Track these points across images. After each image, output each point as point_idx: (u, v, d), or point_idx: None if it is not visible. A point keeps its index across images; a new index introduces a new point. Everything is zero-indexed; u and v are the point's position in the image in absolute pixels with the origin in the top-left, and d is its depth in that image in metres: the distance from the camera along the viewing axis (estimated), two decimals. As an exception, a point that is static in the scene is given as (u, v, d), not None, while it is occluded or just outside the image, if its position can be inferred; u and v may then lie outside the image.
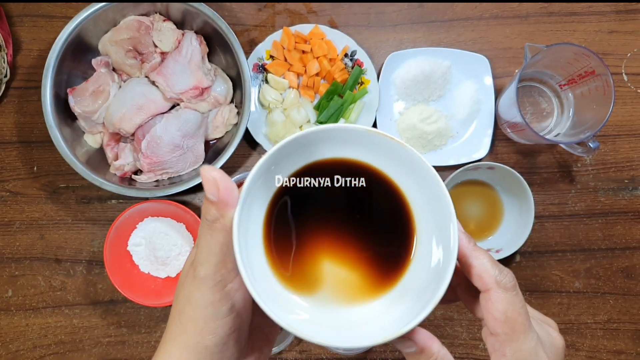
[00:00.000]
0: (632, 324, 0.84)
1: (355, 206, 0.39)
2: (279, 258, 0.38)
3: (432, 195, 0.36)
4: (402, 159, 0.37)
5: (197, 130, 0.80)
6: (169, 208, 0.81)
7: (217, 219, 0.34)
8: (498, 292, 0.34)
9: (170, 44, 0.79)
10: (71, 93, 0.79)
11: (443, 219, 0.35)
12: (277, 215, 0.38)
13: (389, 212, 0.39)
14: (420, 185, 0.37)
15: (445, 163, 0.84)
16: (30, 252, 0.85)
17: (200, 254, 0.34)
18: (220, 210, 0.33)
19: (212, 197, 0.33)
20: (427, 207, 0.37)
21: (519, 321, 0.34)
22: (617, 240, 0.85)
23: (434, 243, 0.37)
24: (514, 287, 0.34)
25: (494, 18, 0.86)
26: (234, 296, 0.35)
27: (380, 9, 0.86)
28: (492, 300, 0.34)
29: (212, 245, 0.34)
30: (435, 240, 0.37)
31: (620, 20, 0.86)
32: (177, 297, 0.37)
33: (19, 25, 0.85)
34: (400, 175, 0.39)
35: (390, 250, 0.39)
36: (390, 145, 0.36)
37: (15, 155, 0.85)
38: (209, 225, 0.34)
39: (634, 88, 0.86)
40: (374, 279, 0.38)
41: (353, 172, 0.39)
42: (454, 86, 0.85)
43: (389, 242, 0.39)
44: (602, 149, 0.86)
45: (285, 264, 0.38)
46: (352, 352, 0.79)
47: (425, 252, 0.37)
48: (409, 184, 0.38)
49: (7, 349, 0.84)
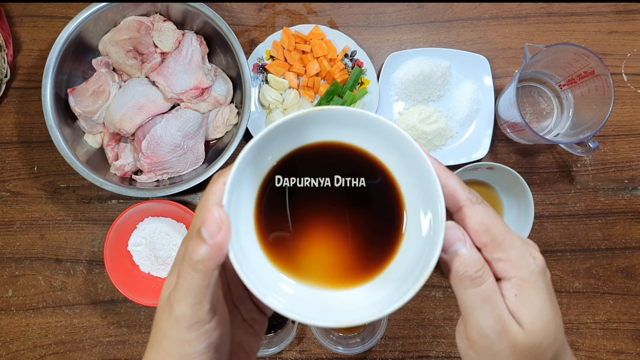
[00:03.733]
0: (632, 323, 0.84)
1: (345, 189, 0.39)
2: (270, 240, 0.38)
3: (418, 169, 0.36)
4: (387, 137, 0.37)
5: (197, 130, 0.80)
6: (170, 208, 0.81)
7: (203, 262, 0.32)
8: (471, 207, 0.35)
9: (170, 44, 0.79)
10: (71, 93, 0.79)
11: (429, 190, 0.35)
12: (267, 197, 0.38)
13: (377, 192, 0.39)
14: (406, 162, 0.37)
15: (445, 163, 0.83)
16: (30, 252, 0.85)
17: (177, 291, 0.33)
18: (210, 254, 0.32)
19: (207, 238, 0.32)
20: (413, 182, 0.38)
21: (498, 226, 0.35)
22: (616, 240, 0.85)
23: (421, 215, 0.37)
24: (483, 201, 0.36)
25: (494, 18, 0.86)
26: (211, 335, 0.34)
27: (380, 9, 0.86)
28: (468, 215, 0.35)
29: (192, 285, 0.33)
30: (422, 212, 0.37)
31: (619, 20, 0.86)
32: (155, 328, 0.35)
33: (19, 26, 0.86)
34: (387, 155, 0.39)
35: (382, 228, 0.39)
36: (376, 124, 0.37)
37: (16, 155, 0.85)
38: (191, 266, 0.33)
39: (633, 88, 0.86)
40: (367, 260, 0.38)
41: (342, 155, 0.39)
42: (454, 86, 0.85)
43: (380, 221, 0.39)
44: (601, 149, 0.86)
45: (275, 246, 0.38)
46: (352, 352, 0.79)
47: (415, 225, 0.38)
48: (395, 162, 0.39)
49: (8, 348, 0.84)
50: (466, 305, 0.34)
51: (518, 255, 0.35)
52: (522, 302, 0.35)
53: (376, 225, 0.39)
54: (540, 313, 0.35)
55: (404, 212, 0.38)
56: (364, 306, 0.36)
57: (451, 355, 0.84)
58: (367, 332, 0.82)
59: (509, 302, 0.35)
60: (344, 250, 0.39)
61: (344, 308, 0.37)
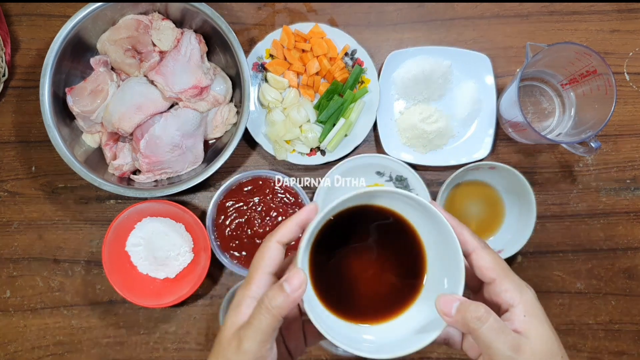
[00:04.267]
0: (634, 324, 0.84)
1: (383, 244, 0.48)
2: (327, 294, 0.47)
3: (444, 241, 0.45)
4: (425, 212, 0.46)
5: (196, 129, 0.80)
6: (168, 208, 0.80)
7: (279, 308, 0.40)
8: (482, 250, 0.45)
9: (169, 43, 0.79)
10: (69, 92, 0.79)
11: (451, 262, 0.44)
12: (317, 254, 0.47)
13: (406, 250, 0.49)
14: (436, 233, 0.46)
15: (446, 163, 0.83)
16: (28, 252, 0.84)
17: (249, 329, 0.41)
18: (286, 304, 0.40)
19: (288, 292, 0.41)
20: (437, 242, 0.47)
21: (502, 264, 0.45)
22: (618, 241, 0.85)
23: (444, 279, 0.46)
24: (488, 246, 0.46)
25: (495, 17, 0.86)
26: None
27: (380, 8, 0.86)
28: (481, 256, 0.45)
29: (263, 326, 0.41)
30: (445, 278, 0.46)
31: (622, 19, 0.86)
32: (218, 356, 0.42)
33: (18, 25, 0.85)
34: (421, 225, 0.48)
35: (409, 278, 0.49)
36: (417, 202, 0.45)
37: (14, 155, 0.85)
38: (268, 310, 0.41)
39: (635, 87, 0.85)
40: (399, 298, 0.48)
41: (383, 215, 0.48)
42: (455, 85, 0.85)
43: (407, 273, 0.49)
44: (603, 148, 0.85)
45: (333, 299, 0.47)
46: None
47: (435, 282, 0.47)
48: (426, 230, 0.47)
49: (6, 349, 0.83)
50: (485, 342, 0.41)
51: (519, 285, 0.44)
52: (530, 319, 0.43)
53: (405, 274, 0.49)
54: (546, 324, 0.43)
55: (426, 269, 0.48)
56: (409, 333, 0.45)
57: (452, 356, 0.84)
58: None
59: (520, 322, 0.42)
60: (382, 293, 0.48)
61: (394, 337, 0.46)
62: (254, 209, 0.80)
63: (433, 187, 0.84)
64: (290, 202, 0.81)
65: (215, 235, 0.81)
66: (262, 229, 0.80)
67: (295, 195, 0.81)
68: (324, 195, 0.82)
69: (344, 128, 0.81)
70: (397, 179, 0.84)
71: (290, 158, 0.82)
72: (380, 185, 0.84)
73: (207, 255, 0.79)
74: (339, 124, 0.81)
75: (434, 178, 0.85)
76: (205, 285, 0.84)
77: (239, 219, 0.80)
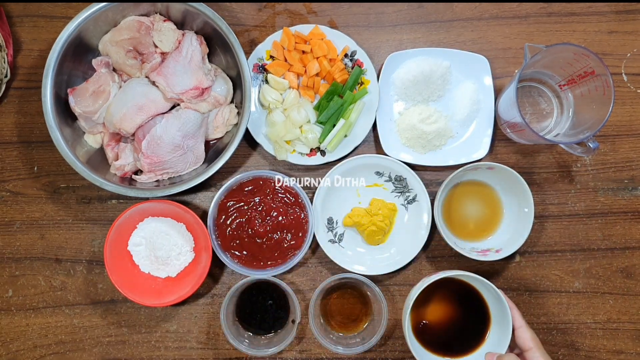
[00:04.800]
0: (632, 323, 0.84)
1: (460, 312, 0.79)
2: (425, 341, 0.78)
3: (503, 314, 0.74)
4: (492, 292, 0.75)
5: (197, 130, 0.80)
6: (170, 208, 0.81)
7: None
8: (526, 328, 0.72)
9: (170, 44, 0.79)
10: (71, 93, 0.79)
11: (503, 329, 0.74)
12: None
13: (476, 312, 0.78)
14: (498, 307, 0.76)
15: (444, 163, 0.84)
16: (30, 252, 0.85)
17: None
18: None
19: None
20: (497, 319, 0.77)
21: (538, 340, 0.72)
22: (616, 240, 0.85)
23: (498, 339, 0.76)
24: (527, 324, 0.73)
25: (494, 18, 0.86)
26: None
27: (380, 9, 0.86)
28: (525, 331, 0.72)
29: None
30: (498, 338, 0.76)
31: (619, 20, 0.86)
32: None
33: (20, 26, 0.86)
34: (489, 298, 0.77)
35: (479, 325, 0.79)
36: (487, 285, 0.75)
37: (16, 155, 0.85)
38: None
39: (633, 88, 0.86)
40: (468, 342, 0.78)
41: (461, 286, 0.78)
42: (454, 86, 0.85)
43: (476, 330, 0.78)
44: (601, 149, 0.86)
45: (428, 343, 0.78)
46: (352, 352, 0.79)
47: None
48: (492, 304, 0.77)
49: (8, 348, 0.84)
50: None
51: (547, 356, 0.71)
52: None
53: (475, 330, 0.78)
54: None
55: (489, 329, 0.77)
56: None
57: None
58: (367, 332, 0.82)
59: None
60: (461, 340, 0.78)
61: None
62: (254, 209, 0.81)
63: (432, 187, 0.85)
64: (290, 202, 0.81)
65: (216, 235, 0.81)
66: (262, 229, 0.80)
67: (296, 195, 0.81)
68: (324, 195, 0.83)
69: (344, 128, 0.82)
70: (397, 179, 0.84)
71: (291, 158, 0.83)
72: (379, 185, 0.85)
73: (208, 254, 0.79)
74: (338, 124, 0.82)
75: (433, 178, 0.85)
76: (206, 285, 0.85)
77: (240, 219, 0.81)
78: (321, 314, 0.83)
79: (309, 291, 0.85)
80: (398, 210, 0.85)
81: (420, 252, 0.84)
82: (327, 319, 0.84)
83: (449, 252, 0.85)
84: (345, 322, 0.84)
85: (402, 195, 0.85)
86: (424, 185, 0.82)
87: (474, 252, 0.81)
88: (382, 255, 0.84)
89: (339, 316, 0.84)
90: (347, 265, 0.82)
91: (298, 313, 0.78)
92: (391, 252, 0.84)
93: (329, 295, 0.84)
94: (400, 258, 0.83)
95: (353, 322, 0.84)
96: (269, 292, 0.82)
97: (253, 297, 0.82)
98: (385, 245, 0.85)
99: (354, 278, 0.80)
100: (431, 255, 0.85)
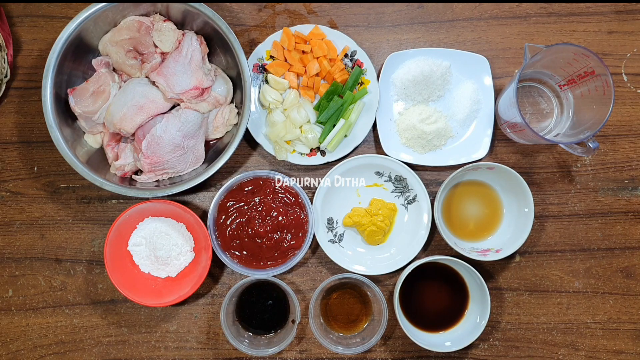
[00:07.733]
0: (632, 323, 0.85)
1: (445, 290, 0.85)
2: (413, 317, 0.83)
3: (482, 297, 0.80)
4: (469, 271, 0.81)
5: (197, 130, 0.81)
6: (170, 208, 0.81)
7: None
8: None
9: (170, 44, 0.79)
10: (71, 93, 0.79)
11: (484, 303, 0.80)
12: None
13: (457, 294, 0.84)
14: (475, 285, 0.82)
15: (444, 163, 0.84)
16: (30, 252, 0.85)
17: None
18: None
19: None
20: (474, 295, 0.83)
21: None
22: (616, 240, 0.85)
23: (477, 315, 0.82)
24: None
25: (494, 18, 0.86)
26: None
27: (380, 9, 0.86)
28: None
29: None
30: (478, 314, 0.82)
31: (619, 20, 0.86)
32: None
33: (20, 26, 0.86)
34: (468, 278, 0.83)
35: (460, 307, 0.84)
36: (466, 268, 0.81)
37: (16, 155, 0.85)
38: None
39: (633, 88, 0.86)
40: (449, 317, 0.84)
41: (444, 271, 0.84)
42: (454, 86, 0.85)
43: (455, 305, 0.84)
44: (601, 149, 0.86)
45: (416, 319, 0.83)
46: (352, 352, 0.79)
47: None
48: (470, 282, 0.83)
49: (8, 348, 0.84)
50: None
51: None
52: None
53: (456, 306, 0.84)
54: None
55: (468, 306, 0.83)
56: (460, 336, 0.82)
57: (450, 355, 0.84)
58: (367, 332, 0.82)
59: None
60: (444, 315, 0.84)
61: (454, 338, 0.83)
62: (254, 209, 0.81)
63: (432, 187, 0.85)
64: (290, 202, 0.81)
65: (216, 235, 0.81)
66: (262, 229, 0.80)
67: (296, 195, 0.81)
68: (324, 195, 0.83)
69: (344, 129, 0.82)
70: (397, 179, 0.84)
71: (291, 158, 0.83)
72: (379, 185, 0.85)
73: (208, 254, 0.79)
74: (338, 124, 0.82)
75: (433, 178, 0.85)
76: (206, 285, 0.85)
77: (240, 219, 0.81)
78: (321, 314, 0.83)
79: (309, 291, 0.85)
80: (398, 210, 0.85)
81: (420, 252, 0.84)
82: (327, 319, 0.84)
83: (449, 252, 0.85)
84: (345, 322, 0.84)
85: (402, 195, 0.85)
86: (424, 185, 0.82)
87: (474, 252, 0.81)
88: (382, 255, 0.84)
89: (339, 316, 0.84)
90: (347, 265, 0.82)
91: (298, 313, 0.78)
92: (391, 252, 0.84)
93: (329, 295, 0.84)
94: (400, 258, 0.83)
95: (353, 322, 0.84)
96: (269, 292, 0.82)
97: (253, 297, 0.82)
98: (385, 245, 0.85)
99: (354, 278, 0.80)
100: (431, 255, 0.85)
